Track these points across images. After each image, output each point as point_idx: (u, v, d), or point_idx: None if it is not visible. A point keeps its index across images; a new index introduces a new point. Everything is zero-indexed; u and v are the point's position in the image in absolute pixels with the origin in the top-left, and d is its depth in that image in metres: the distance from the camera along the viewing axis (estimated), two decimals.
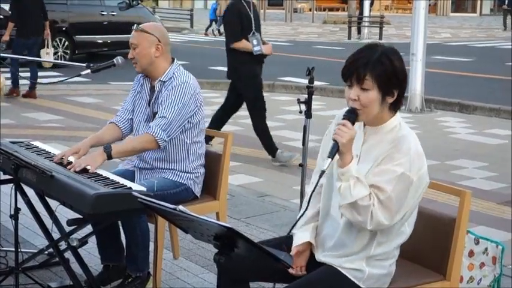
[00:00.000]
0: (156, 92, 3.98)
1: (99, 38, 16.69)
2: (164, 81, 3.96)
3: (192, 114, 3.95)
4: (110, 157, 3.73)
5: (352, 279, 2.74)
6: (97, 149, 3.81)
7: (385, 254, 2.77)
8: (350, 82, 2.67)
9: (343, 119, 2.65)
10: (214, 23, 27.63)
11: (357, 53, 2.70)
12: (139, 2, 18.34)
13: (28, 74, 10.88)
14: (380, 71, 2.62)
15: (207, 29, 27.86)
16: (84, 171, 3.58)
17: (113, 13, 16.92)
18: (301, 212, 2.81)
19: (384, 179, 2.60)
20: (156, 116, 3.88)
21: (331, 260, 2.79)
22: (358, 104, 2.65)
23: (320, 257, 2.85)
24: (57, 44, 15.42)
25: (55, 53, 14.79)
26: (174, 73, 3.97)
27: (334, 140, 2.60)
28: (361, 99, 2.64)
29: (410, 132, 2.73)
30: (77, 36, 15.98)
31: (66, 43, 15.77)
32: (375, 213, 2.58)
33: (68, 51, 15.80)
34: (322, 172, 2.62)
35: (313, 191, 2.74)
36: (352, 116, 2.65)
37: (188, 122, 3.95)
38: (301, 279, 2.76)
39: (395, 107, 2.74)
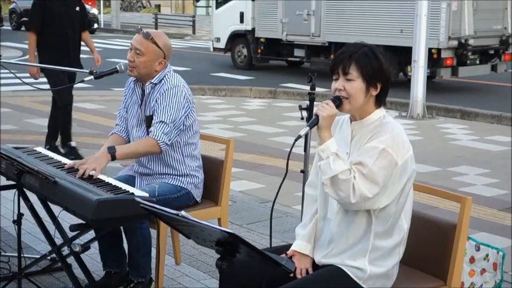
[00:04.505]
0: (146, 94, 4.00)
1: None
2: (155, 84, 3.98)
3: (186, 116, 3.98)
4: (113, 158, 3.75)
5: (354, 278, 2.77)
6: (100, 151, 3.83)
7: (385, 249, 2.79)
8: (337, 75, 2.80)
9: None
10: None
11: (344, 48, 2.85)
12: None
13: (31, 80, 10.89)
14: (364, 62, 2.76)
15: None
16: (88, 177, 3.61)
17: None
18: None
19: (366, 155, 2.70)
20: (154, 121, 3.90)
21: (333, 260, 2.83)
22: (344, 93, 2.78)
23: (321, 260, 2.88)
24: None
25: None
26: (165, 76, 3.99)
27: (316, 114, 2.75)
28: (346, 89, 2.77)
29: (394, 122, 2.83)
30: None
31: None
32: (357, 185, 2.64)
33: None
34: (298, 137, 2.76)
35: (289, 154, 2.84)
36: (336, 100, 2.78)
37: (182, 124, 3.98)
38: (303, 278, 2.79)
39: (379, 101, 2.83)
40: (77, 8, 7.37)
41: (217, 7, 17.29)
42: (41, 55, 7.26)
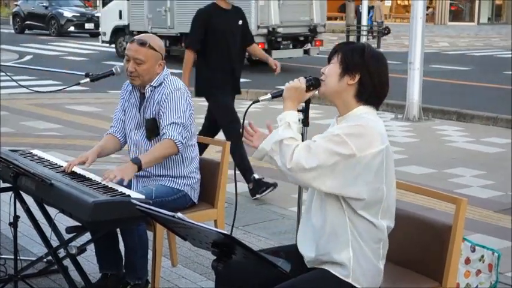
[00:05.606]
0: (146, 97, 4.00)
1: None
2: (155, 87, 3.98)
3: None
4: (140, 168, 3.75)
5: (340, 276, 2.77)
6: (121, 162, 3.83)
7: (365, 239, 2.77)
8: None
9: None
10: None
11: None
12: None
13: (27, 83, 10.90)
14: (347, 51, 2.84)
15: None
16: (82, 178, 3.61)
17: None
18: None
19: (321, 135, 2.77)
20: (163, 124, 3.90)
21: (320, 257, 2.82)
22: (323, 77, 2.89)
23: (310, 256, 2.88)
24: None
25: None
26: (164, 79, 4.00)
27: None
28: (326, 71, 2.89)
29: (374, 119, 2.80)
30: None
31: None
32: (297, 153, 2.71)
33: None
34: (256, 101, 2.99)
35: (245, 113, 2.98)
36: (312, 80, 2.92)
37: (190, 124, 3.99)
38: (292, 280, 2.79)
39: (360, 97, 2.83)
40: (240, 22, 6.62)
41: (103, 6, 20.86)
42: (201, 74, 6.49)
